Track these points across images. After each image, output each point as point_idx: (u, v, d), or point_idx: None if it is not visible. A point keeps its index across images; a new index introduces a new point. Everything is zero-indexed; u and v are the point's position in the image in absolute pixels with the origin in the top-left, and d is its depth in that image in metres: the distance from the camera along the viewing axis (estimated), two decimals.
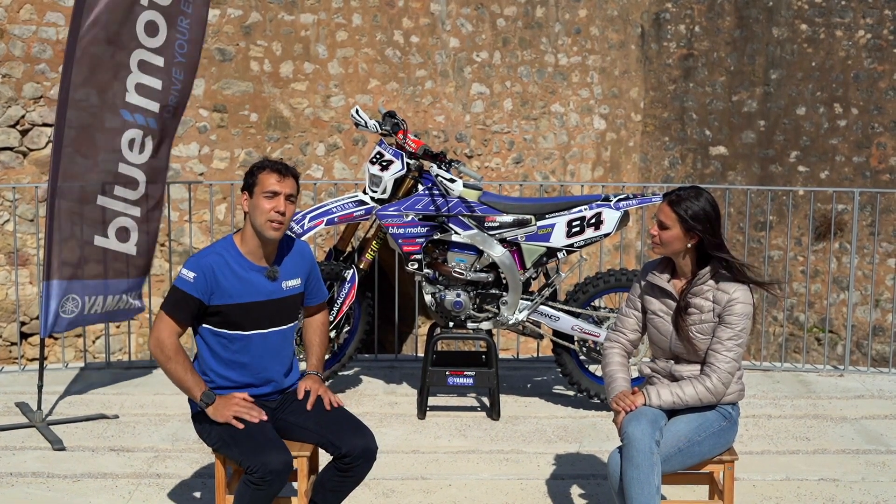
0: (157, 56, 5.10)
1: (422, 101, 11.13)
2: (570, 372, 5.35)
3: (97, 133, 5.03)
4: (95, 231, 5.16)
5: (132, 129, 5.10)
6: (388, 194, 5.24)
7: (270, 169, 3.45)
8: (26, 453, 4.70)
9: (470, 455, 4.74)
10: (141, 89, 5.09)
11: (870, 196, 12.50)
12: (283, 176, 3.45)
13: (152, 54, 5.08)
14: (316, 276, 3.69)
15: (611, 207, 5.18)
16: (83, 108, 4.97)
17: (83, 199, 5.08)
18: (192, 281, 3.40)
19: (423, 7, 11.06)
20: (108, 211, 5.19)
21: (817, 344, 12.55)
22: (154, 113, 5.17)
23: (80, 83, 4.91)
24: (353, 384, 5.82)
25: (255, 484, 3.25)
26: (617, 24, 13.36)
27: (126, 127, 5.09)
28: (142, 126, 5.14)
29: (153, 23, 5.04)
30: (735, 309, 3.45)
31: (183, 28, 5.16)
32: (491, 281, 5.22)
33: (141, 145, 5.18)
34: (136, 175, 5.22)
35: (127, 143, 5.11)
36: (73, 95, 4.91)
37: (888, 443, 4.99)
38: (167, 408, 5.35)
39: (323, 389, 3.59)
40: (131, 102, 5.07)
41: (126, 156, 5.14)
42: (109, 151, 5.09)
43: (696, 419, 3.51)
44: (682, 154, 13.69)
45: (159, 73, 5.13)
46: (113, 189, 5.16)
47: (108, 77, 4.99)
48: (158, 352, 3.41)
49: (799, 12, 13.10)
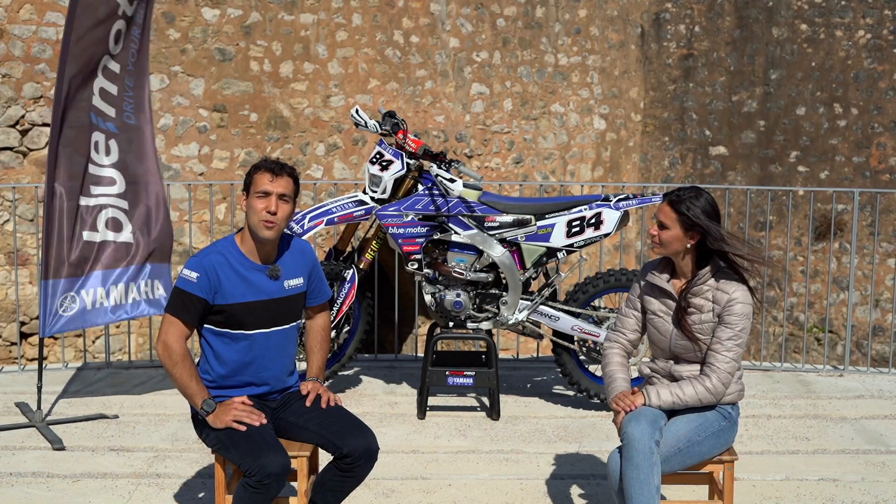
0: (115, 62, 5.18)
1: (422, 101, 11.13)
2: (570, 372, 5.35)
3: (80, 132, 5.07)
4: (84, 227, 5.17)
5: (96, 131, 5.15)
6: (387, 194, 5.24)
7: (264, 169, 3.45)
8: (26, 453, 4.70)
9: (470, 455, 4.74)
10: (103, 94, 5.15)
11: (870, 196, 12.50)
12: (275, 176, 3.44)
13: (112, 60, 5.16)
14: (318, 275, 3.68)
15: (611, 207, 5.18)
16: (82, 109, 5.00)
17: (78, 198, 5.11)
18: (196, 281, 3.40)
19: (423, 7, 11.06)
20: (92, 208, 5.19)
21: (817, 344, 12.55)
22: (111, 117, 5.22)
23: (79, 83, 4.94)
24: (353, 384, 5.82)
25: (253, 487, 3.25)
26: (617, 24, 13.36)
27: (92, 129, 5.13)
28: (103, 130, 5.18)
29: (119, 31, 5.12)
30: (735, 309, 3.45)
31: (134, 37, 5.24)
32: (491, 281, 5.22)
33: (106, 148, 5.21)
34: (108, 174, 5.23)
35: (93, 145, 5.15)
36: (74, 95, 4.93)
37: (888, 443, 4.99)
38: (167, 408, 5.35)
39: (323, 390, 3.59)
40: (95, 105, 5.13)
41: (93, 157, 5.17)
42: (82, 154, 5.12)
43: (695, 419, 3.51)
44: (682, 154, 13.69)
45: (116, 79, 5.20)
46: (90, 189, 5.17)
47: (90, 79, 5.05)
48: (165, 356, 3.40)
49: (799, 12, 13.10)
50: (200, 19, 9.36)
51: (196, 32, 9.34)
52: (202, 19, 9.37)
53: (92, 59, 5.01)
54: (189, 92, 9.28)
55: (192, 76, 9.34)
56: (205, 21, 9.38)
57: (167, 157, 9.20)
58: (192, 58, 9.32)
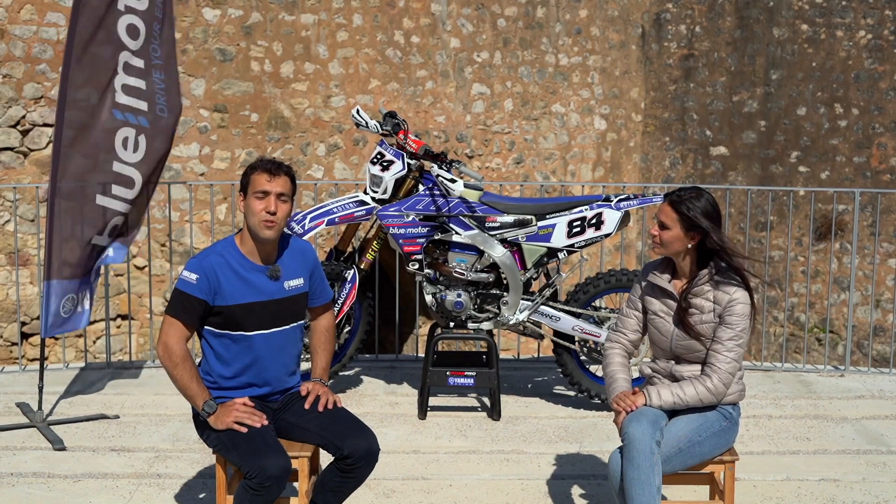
0: (138, 58, 5.18)
1: (422, 101, 11.13)
2: (571, 372, 5.35)
3: (95, 132, 5.07)
4: (95, 231, 5.17)
5: (124, 127, 5.15)
6: (388, 194, 5.24)
7: (261, 169, 3.44)
8: (27, 453, 4.70)
9: (470, 455, 4.74)
10: (127, 90, 5.16)
11: (870, 196, 12.49)
12: (273, 175, 3.43)
13: (134, 56, 5.16)
14: (319, 276, 3.68)
15: (611, 208, 5.18)
16: (82, 108, 5.01)
17: (83, 199, 5.10)
18: (195, 282, 3.40)
19: (423, 7, 11.06)
20: (108, 211, 5.21)
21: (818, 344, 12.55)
22: (143, 111, 5.23)
23: (79, 83, 4.95)
24: (354, 384, 5.82)
25: (254, 489, 3.25)
26: (617, 25, 13.36)
27: (118, 126, 5.13)
28: (134, 125, 5.19)
29: (133, 26, 5.13)
30: (735, 309, 3.45)
31: (156, 32, 5.25)
32: (492, 281, 5.22)
33: (135, 144, 5.23)
34: (131, 174, 5.25)
35: (121, 142, 5.15)
36: (73, 95, 4.94)
37: (889, 443, 4.98)
38: (168, 408, 5.35)
39: (324, 391, 3.58)
40: (121, 102, 5.13)
41: (121, 155, 5.18)
42: (105, 151, 5.12)
43: (696, 419, 3.51)
44: (683, 154, 13.69)
45: (141, 74, 5.21)
46: (111, 189, 5.18)
47: (105, 77, 5.05)
48: (166, 357, 3.40)
49: (799, 12, 13.09)
50: (201, 20, 9.36)
51: (197, 33, 9.34)
52: (203, 20, 9.37)
53: (104, 59, 5.01)
54: (190, 92, 9.29)
55: (192, 76, 9.34)
56: (205, 21, 9.39)
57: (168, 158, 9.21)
58: (192, 58, 9.33)
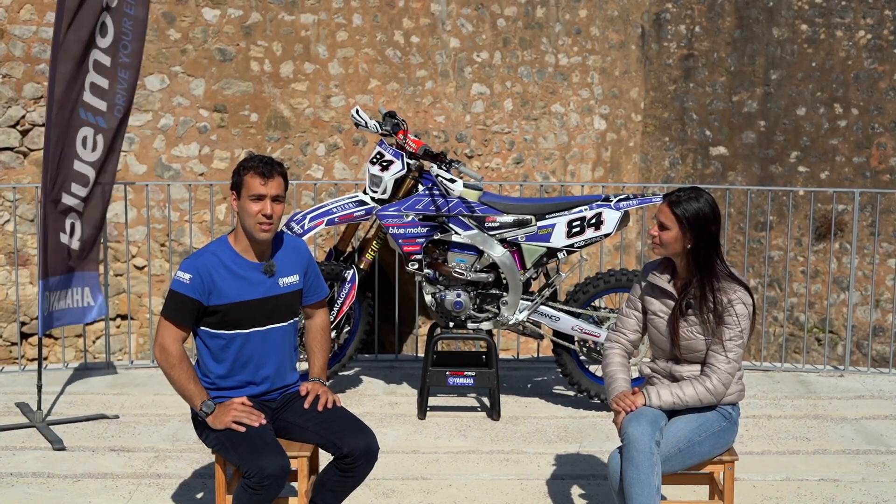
0: (106, 56, 5.18)
1: (422, 101, 11.13)
2: (571, 372, 5.35)
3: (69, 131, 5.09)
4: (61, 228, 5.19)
5: (85, 126, 5.16)
6: (388, 194, 5.24)
7: (255, 171, 3.43)
8: (26, 453, 4.70)
9: (470, 455, 4.74)
10: (94, 88, 5.16)
11: (870, 196, 12.49)
12: (267, 178, 3.43)
13: (102, 54, 5.16)
14: (314, 272, 3.67)
15: (611, 208, 5.18)
16: (70, 106, 5.03)
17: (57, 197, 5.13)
18: (189, 283, 3.40)
19: (423, 7, 11.06)
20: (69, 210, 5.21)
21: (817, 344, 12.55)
22: (102, 112, 5.23)
23: (63, 83, 4.97)
24: (354, 384, 5.82)
25: (253, 488, 3.25)
26: (617, 25, 13.36)
27: (80, 125, 5.14)
28: (93, 125, 5.19)
29: (104, 24, 5.12)
30: (735, 309, 3.45)
31: (126, 28, 5.24)
32: (491, 281, 5.22)
33: (93, 143, 5.23)
34: (86, 172, 5.25)
35: (80, 141, 5.15)
36: (57, 95, 4.95)
37: (888, 443, 4.99)
38: (167, 408, 5.35)
39: (323, 391, 3.58)
40: (86, 101, 5.14)
41: (80, 153, 5.18)
42: (68, 148, 5.13)
43: (696, 419, 3.51)
44: (683, 154, 13.69)
45: (107, 72, 5.20)
46: (70, 186, 5.18)
47: (81, 76, 5.07)
48: (162, 359, 3.41)
49: (799, 12, 13.10)
50: (201, 20, 9.36)
51: (196, 33, 9.34)
52: (202, 20, 9.37)
53: (79, 56, 5.02)
54: (189, 92, 9.29)
55: (192, 76, 9.34)
56: (205, 21, 9.39)
57: (167, 158, 9.21)
58: (192, 58, 9.33)
